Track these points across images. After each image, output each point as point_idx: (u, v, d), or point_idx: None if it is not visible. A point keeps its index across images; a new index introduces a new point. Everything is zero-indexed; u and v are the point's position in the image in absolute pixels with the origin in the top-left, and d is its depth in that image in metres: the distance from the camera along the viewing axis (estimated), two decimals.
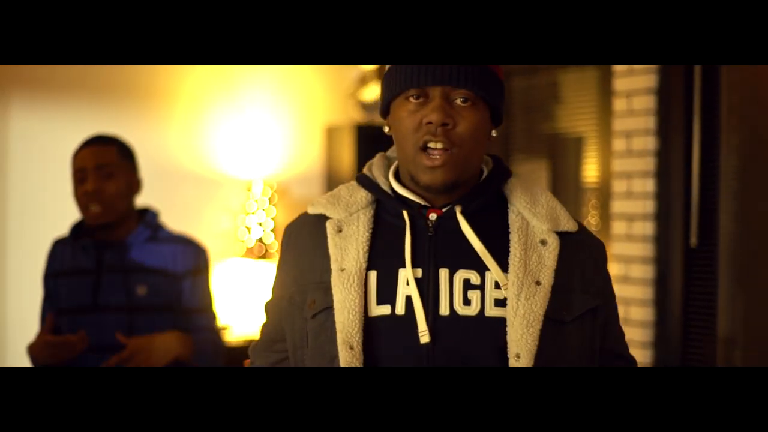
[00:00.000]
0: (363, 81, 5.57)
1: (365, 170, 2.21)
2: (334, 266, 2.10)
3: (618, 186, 4.61)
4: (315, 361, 2.10)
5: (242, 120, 5.46)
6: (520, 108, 5.41)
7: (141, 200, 5.19)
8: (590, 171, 4.93)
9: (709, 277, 4.40)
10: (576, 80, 5.03)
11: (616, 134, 4.61)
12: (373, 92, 5.52)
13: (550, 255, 2.13)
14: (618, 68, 4.57)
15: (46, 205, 5.25)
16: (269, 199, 5.34)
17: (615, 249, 4.52)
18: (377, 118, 5.59)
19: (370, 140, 5.42)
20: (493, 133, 2.15)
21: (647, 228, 4.50)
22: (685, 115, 4.38)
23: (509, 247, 2.13)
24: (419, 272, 2.09)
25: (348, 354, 2.03)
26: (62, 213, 4.93)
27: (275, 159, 5.53)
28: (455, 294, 2.08)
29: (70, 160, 3.37)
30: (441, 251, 2.11)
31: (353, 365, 2.02)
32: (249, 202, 5.32)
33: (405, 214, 2.12)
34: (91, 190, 3.28)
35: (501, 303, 2.06)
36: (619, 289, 4.33)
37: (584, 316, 2.13)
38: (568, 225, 2.17)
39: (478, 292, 2.08)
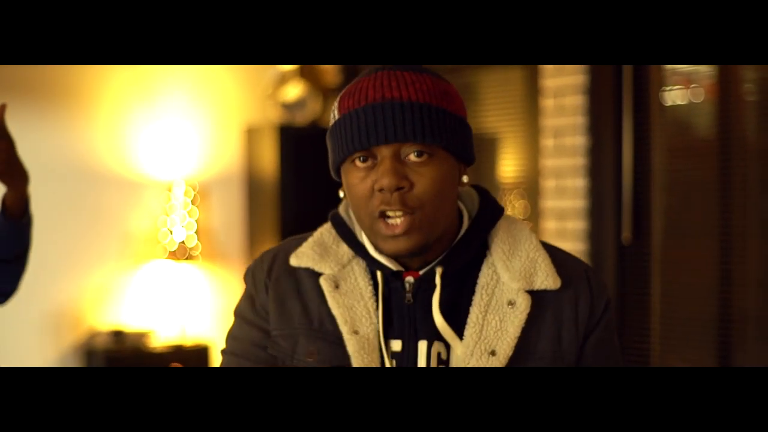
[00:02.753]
0: (282, 81, 5.51)
1: (342, 209, 1.95)
2: (344, 328, 1.84)
3: (548, 183, 4.66)
4: None
5: (162, 122, 5.36)
6: None
7: (64, 202, 5.10)
8: (509, 169, 4.98)
9: (641, 272, 4.47)
10: (498, 79, 5.06)
11: (545, 132, 4.65)
12: (292, 92, 5.47)
13: (515, 319, 1.83)
14: (546, 67, 4.61)
15: None
16: (192, 200, 5.25)
17: None
18: (298, 118, 5.55)
19: (290, 141, 5.35)
20: (464, 179, 1.87)
21: (579, 225, 4.55)
22: (615, 112, 4.44)
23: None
24: (398, 345, 1.86)
25: None
26: None
27: (195, 160, 5.44)
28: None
29: None
30: (420, 320, 1.86)
31: None
32: (170, 204, 5.23)
33: (379, 276, 1.88)
34: None
35: None
36: None
37: None
38: (546, 282, 1.86)
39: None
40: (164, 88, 5.42)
